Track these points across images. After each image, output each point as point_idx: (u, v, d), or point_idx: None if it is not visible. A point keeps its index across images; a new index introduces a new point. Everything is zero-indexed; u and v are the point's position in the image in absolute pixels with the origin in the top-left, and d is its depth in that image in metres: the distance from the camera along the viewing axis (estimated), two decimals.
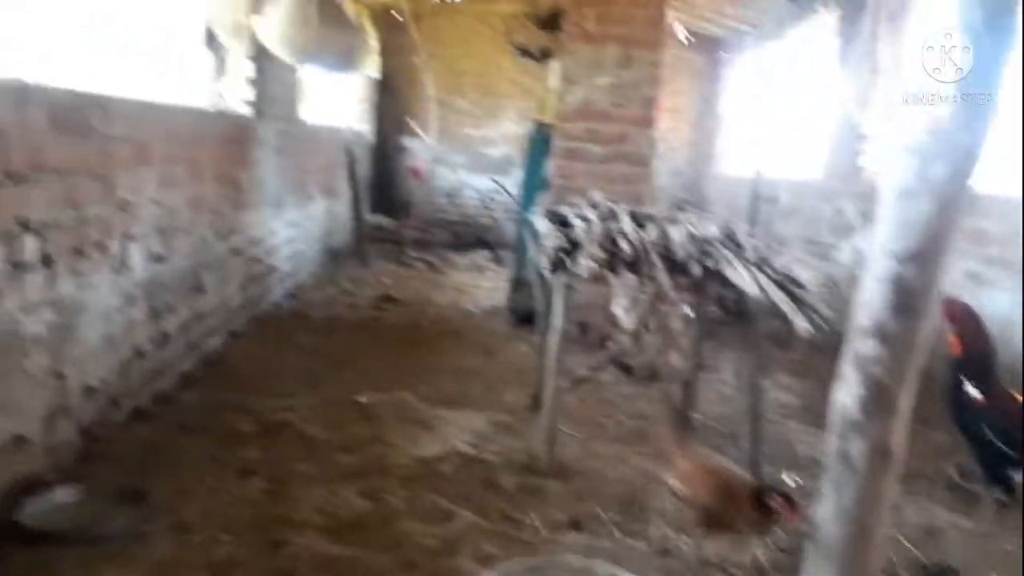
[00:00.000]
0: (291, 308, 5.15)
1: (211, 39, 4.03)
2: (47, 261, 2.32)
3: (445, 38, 9.07)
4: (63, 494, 2.15)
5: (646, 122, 4.70)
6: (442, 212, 9.66)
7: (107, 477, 2.45)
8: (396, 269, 7.10)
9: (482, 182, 9.55)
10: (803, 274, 2.63)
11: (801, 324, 2.19)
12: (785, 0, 6.38)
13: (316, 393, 3.47)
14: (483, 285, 6.70)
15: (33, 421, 2.30)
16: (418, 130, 9.40)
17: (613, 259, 2.58)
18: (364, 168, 8.66)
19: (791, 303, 2.30)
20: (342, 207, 7.56)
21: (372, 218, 8.67)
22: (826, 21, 5.86)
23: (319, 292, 5.74)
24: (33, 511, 2.04)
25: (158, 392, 3.19)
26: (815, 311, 2.29)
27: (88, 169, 2.54)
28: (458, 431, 3.16)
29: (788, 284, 2.45)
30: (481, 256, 8.17)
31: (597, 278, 2.51)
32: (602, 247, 2.59)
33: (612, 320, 2.86)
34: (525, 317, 4.73)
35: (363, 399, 3.41)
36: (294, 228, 5.59)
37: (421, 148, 9.52)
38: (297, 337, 4.42)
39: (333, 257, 7.05)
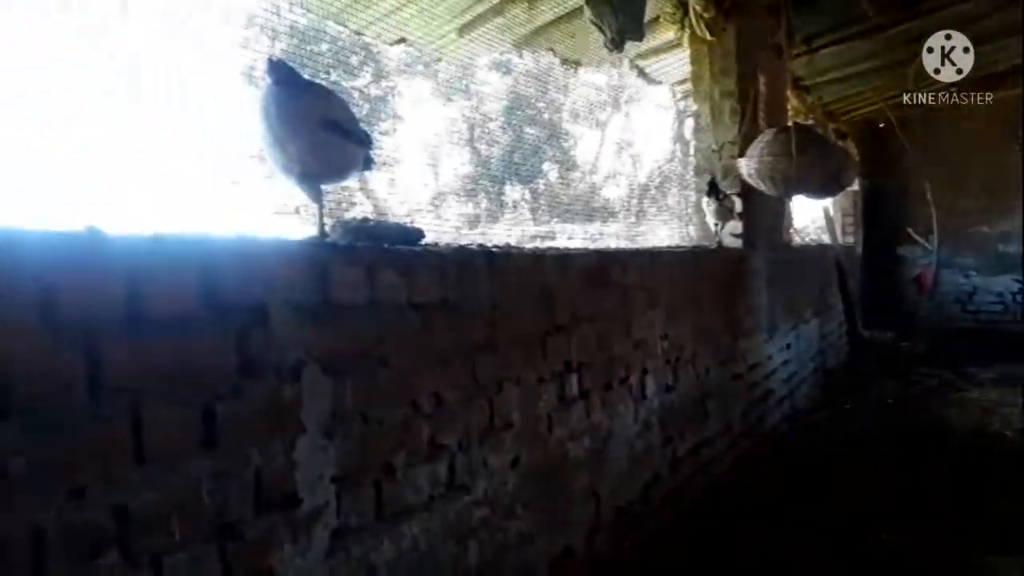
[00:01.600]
0: (790, 432, 5.04)
1: (711, 186, 4.38)
2: (585, 395, 2.73)
3: (939, 138, 8.34)
4: None
5: None
6: (953, 321, 8.55)
7: None
8: (901, 386, 6.44)
9: (1001, 283, 8.27)
10: None
11: None
12: None
13: (833, 529, 3.28)
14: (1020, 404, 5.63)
15: (578, 535, 2.65)
16: (916, 236, 8.65)
17: None
18: (855, 282, 8.25)
19: None
20: (834, 324, 7.26)
21: (868, 333, 8.12)
22: None
23: (817, 414, 5.51)
24: None
25: (673, 515, 3.39)
26: None
27: (611, 316, 2.95)
28: None
29: None
30: (1013, 369, 6.91)
31: None
32: None
33: None
34: None
35: (886, 538, 3.11)
36: (787, 351, 5.54)
37: (922, 255, 8.71)
38: (802, 464, 4.29)
39: (828, 376, 6.74)
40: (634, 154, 4.17)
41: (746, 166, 4.28)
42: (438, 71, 3.82)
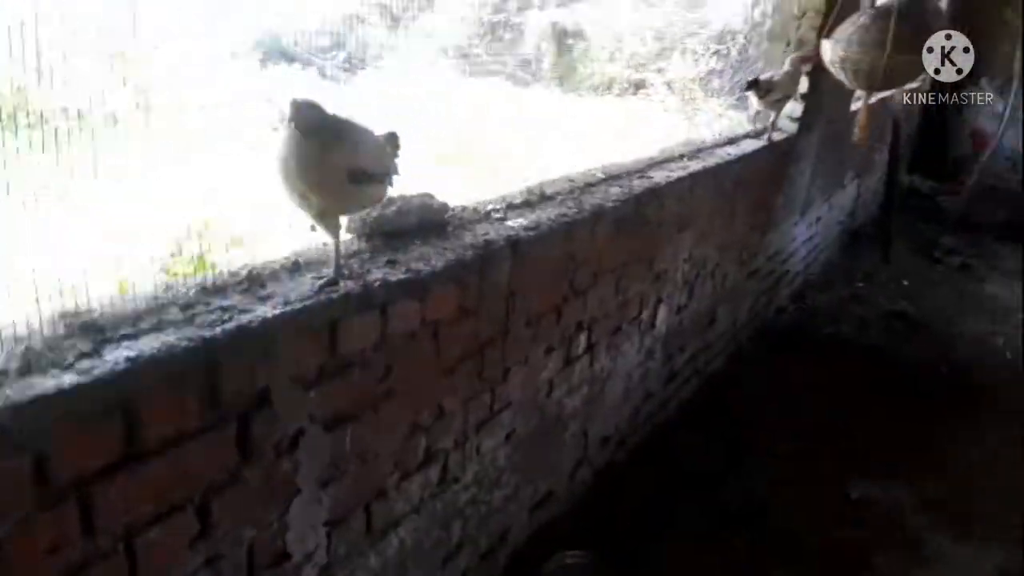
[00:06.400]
0: (794, 318, 5.03)
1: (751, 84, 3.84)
2: (591, 347, 2.70)
3: None
4: (573, 557, 2.60)
5: None
6: (1001, 181, 8.07)
7: (609, 524, 2.87)
8: (921, 266, 6.31)
9: None
10: None
11: None
12: None
13: (801, 464, 3.41)
14: None
15: (562, 478, 2.79)
16: (987, 88, 7.85)
17: None
18: (912, 126, 7.78)
19: None
20: (873, 180, 6.94)
21: (909, 179, 7.90)
22: None
23: (827, 294, 5.45)
24: (551, 571, 2.53)
25: (659, 426, 3.51)
26: None
27: (636, 257, 2.81)
28: None
29: None
30: None
31: None
32: None
33: None
34: None
35: (853, 493, 3.26)
36: (816, 225, 5.37)
37: (985, 104, 8.00)
38: (791, 367, 4.31)
39: (852, 241, 6.56)
40: (697, 20, 3.65)
41: (831, 52, 3.77)
42: None
